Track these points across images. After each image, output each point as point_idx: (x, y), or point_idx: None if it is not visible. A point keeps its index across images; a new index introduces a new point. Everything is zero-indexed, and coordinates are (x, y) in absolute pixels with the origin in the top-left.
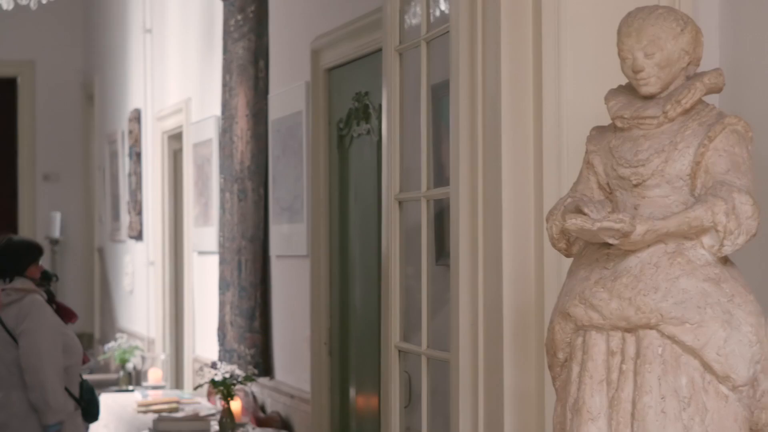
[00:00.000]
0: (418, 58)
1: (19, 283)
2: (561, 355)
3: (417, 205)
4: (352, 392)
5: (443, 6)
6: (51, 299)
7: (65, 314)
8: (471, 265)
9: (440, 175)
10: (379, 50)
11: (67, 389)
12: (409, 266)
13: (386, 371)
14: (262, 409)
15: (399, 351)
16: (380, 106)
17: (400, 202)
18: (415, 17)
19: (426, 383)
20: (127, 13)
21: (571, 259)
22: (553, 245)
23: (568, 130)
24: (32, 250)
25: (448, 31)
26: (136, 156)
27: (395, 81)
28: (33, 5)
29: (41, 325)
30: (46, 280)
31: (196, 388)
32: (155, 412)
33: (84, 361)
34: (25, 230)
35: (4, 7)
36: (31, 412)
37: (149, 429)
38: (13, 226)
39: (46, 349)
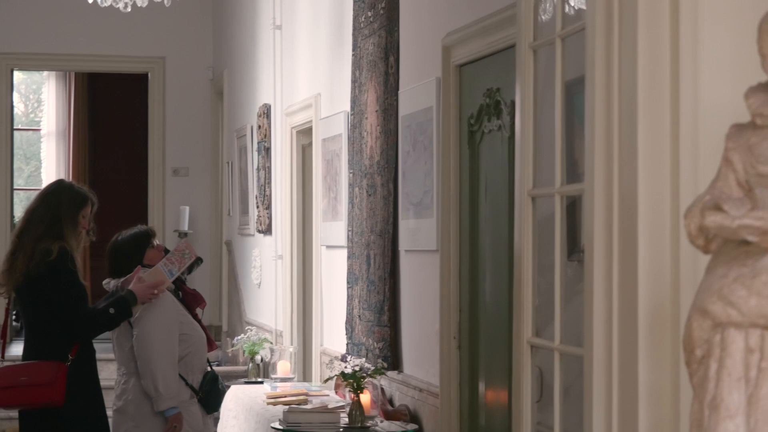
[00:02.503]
0: (551, 54)
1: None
2: (698, 352)
3: (547, 200)
4: (481, 386)
5: (578, 2)
6: (178, 286)
7: (193, 300)
8: (606, 261)
9: (573, 171)
10: (511, 47)
11: (183, 378)
12: (541, 261)
13: (518, 366)
14: (391, 402)
15: (531, 346)
16: (512, 102)
17: (533, 198)
18: (545, 13)
19: (559, 379)
20: (257, 10)
21: (707, 256)
22: (691, 242)
23: (706, 127)
24: (139, 240)
25: (583, 28)
26: (265, 151)
27: (529, 77)
28: (167, 2)
29: (154, 313)
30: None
31: (326, 381)
32: (284, 404)
33: (211, 349)
34: (155, 224)
35: (139, 3)
36: (145, 399)
37: (279, 420)
38: (143, 220)
39: (159, 337)
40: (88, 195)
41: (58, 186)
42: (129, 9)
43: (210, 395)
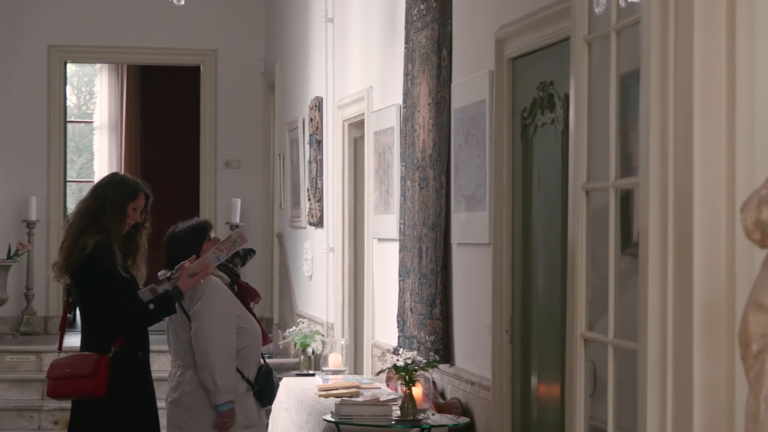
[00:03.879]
0: (605, 47)
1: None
2: (754, 347)
3: (600, 193)
4: (533, 380)
5: None
6: (233, 280)
7: (247, 294)
8: (661, 255)
9: (627, 164)
10: (565, 40)
11: (239, 371)
12: (595, 255)
13: (571, 360)
14: (442, 395)
15: (584, 340)
16: (565, 95)
17: (587, 192)
18: (599, 6)
19: (612, 373)
20: (309, 3)
21: (763, 251)
22: (748, 236)
23: (762, 120)
24: (196, 233)
25: (638, 21)
26: (317, 143)
27: (583, 71)
28: None
29: (214, 306)
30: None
31: (378, 373)
32: (336, 396)
33: (265, 342)
34: (206, 216)
35: None
36: (201, 391)
37: (331, 413)
38: (195, 213)
39: (217, 331)
40: (139, 187)
41: (109, 179)
42: (182, 2)
43: (265, 388)
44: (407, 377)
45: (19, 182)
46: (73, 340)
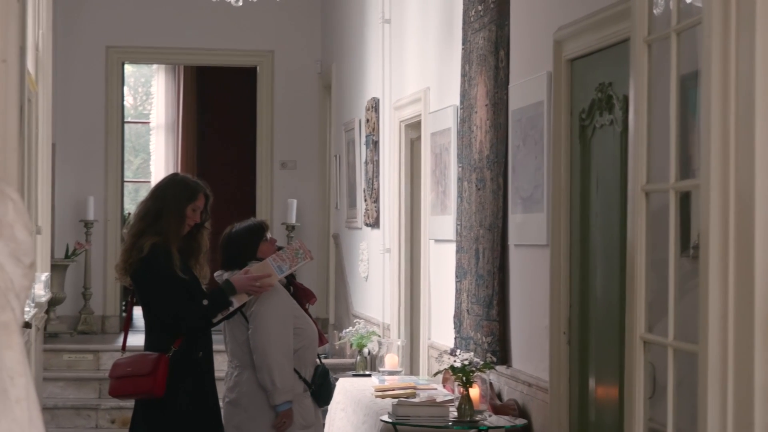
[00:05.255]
0: (665, 48)
1: (254, 267)
2: None
3: (659, 195)
4: (591, 382)
5: None
6: (290, 281)
7: (303, 295)
8: (721, 257)
9: (687, 166)
10: (623, 41)
11: (297, 371)
12: (654, 256)
13: (630, 362)
14: (499, 396)
15: (644, 342)
16: (624, 96)
17: (646, 193)
18: (657, 7)
19: (672, 375)
20: (365, 4)
21: None
22: None
23: None
24: (253, 233)
25: (699, 23)
26: (373, 144)
27: (643, 72)
28: None
29: (271, 307)
30: None
31: (435, 374)
32: (392, 397)
33: (322, 343)
34: (263, 216)
35: None
36: (259, 391)
37: (388, 413)
38: (251, 213)
39: (275, 331)
40: (199, 188)
41: (168, 180)
42: (240, 3)
43: (322, 388)
44: (464, 378)
45: (78, 182)
46: (135, 340)
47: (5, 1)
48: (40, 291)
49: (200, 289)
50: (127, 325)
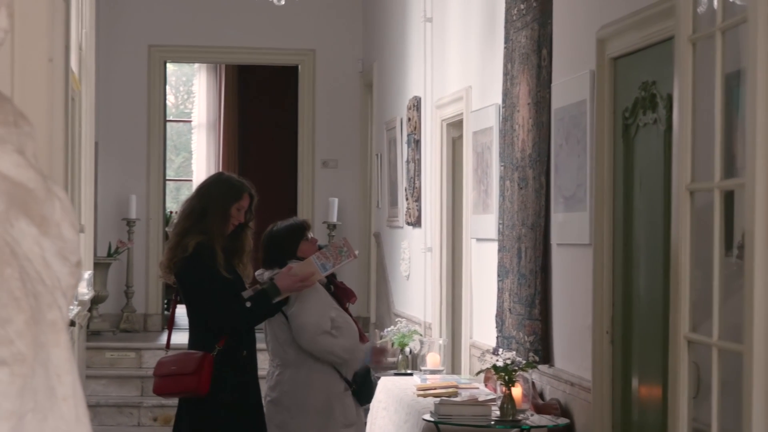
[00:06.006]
0: (709, 47)
1: (297, 266)
2: None
3: (704, 194)
4: (634, 382)
5: None
6: (330, 280)
7: (343, 294)
8: (766, 256)
9: (731, 165)
10: (667, 39)
11: (337, 370)
12: (698, 256)
13: (674, 362)
14: (541, 396)
15: (688, 342)
16: (668, 95)
17: (691, 192)
18: (701, 5)
19: (716, 375)
20: (407, 2)
21: None
22: None
23: None
24: (294, 232)
25: (744, 21)
26: (415, 143)
27: (688, 70)
28: None
29: (309, 306)
30: None
31: (477, 374)
32: (435, 396)
33: (362, 342)
34: (304, 215)
35: None
36: (300, 390)
37: (430, 412)
38: (292, 212)
39: (314, 330)
40: (243, 188)
41: (213, 179)
42: (283, 2)
43: (363, 387)
44: (507, 378)
45: (120, 181)
46: (178, 338)
47: (52, 1)
48: (83, 289)
49: (244, 289)
50: (170, 323)
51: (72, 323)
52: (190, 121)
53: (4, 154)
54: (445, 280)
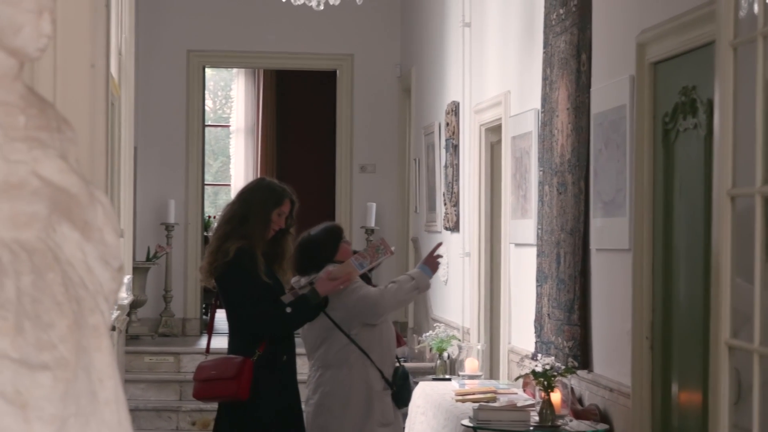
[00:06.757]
0: (750, 51)
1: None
2: None
3: (745, 199)
4: (674, 387)
5: None
6: (367, 284)
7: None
8: None
9: None
10: (708, 44)
11: (379, 370)
12: (739, 261)
13: (715, 367)
14: (580, 401)
15: (729, 347)
16: (708, 100)
17: (732, 198)
18: (742, 9)
19: (757, 380)
20: (445, 7)
21: None
22: None
23: None
24: (331, 236)
25: None
26: (453, 148)
27: (729, 75)
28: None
29: (356, 285)
30: None
31: (516, 379)
32: (473, 401)
33: (400, 344)
34: (342, 220)
35: (331, 1)
36: (341, 390)
37: (469, 417)
38: (330, 217)
39: (375, 293)
40: (285, 193)
41: (255, 184)
42: (322, 7)
43: (402, 390)
44: (546, 383)
45: (159, 185)
46: (217, 342)
47: (94, 6)
48: (122, 293)
49: (284, 294)
50: (210, 327)
51: (112, 328)
52: (228, 126)
53: (47, 159)
54: (483, 285)
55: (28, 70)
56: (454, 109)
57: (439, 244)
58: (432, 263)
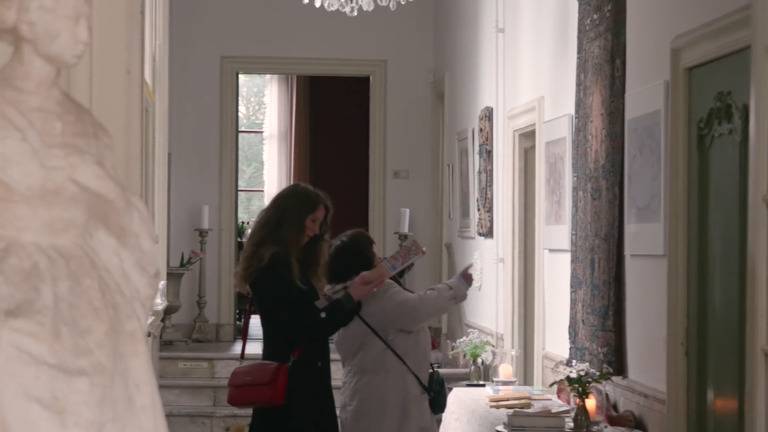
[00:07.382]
0: None
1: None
2: None
3: None
4: (710, 394)
5: None
6: (397, 281)
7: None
8: None
9: None
10: (743, 49)
11: (416, 375)
12: None
13: (751, 374)
14: (615, 407)
15: (765, 354)
16: (744, 105)
17: (767, 203)
18: None
19: None
20: (479, 13)
21: None
22: None
23: None
24: (363, 240)
25: None
26: (487, 154)
27: (765, 80)
28: (392, 6)
29: (394, 291)
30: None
31: (551, 385)
32: (507, 407)
33: (433, 347)
34: (375, 226)
35: (365, 7)
36: (378, 395)
37: (504, 424)
38: (363, 222)
39: (413, 299)
40: (319, 199)
41: (289, 190)
42: (355, 13)
43: (438, 396)
44: (581, 389)
45: (192, 191)
46: (251, 348)
47: (130, 13)
48: (157, 299)
49: (314, 301)
50: (245, 333)
51: (147, 333)
52: (261, 132)
53: (84, 165)
54: (517, 291)
55: (65, 76)
56: (488, 115)
57: (470, 266)
58: (467, 277)
